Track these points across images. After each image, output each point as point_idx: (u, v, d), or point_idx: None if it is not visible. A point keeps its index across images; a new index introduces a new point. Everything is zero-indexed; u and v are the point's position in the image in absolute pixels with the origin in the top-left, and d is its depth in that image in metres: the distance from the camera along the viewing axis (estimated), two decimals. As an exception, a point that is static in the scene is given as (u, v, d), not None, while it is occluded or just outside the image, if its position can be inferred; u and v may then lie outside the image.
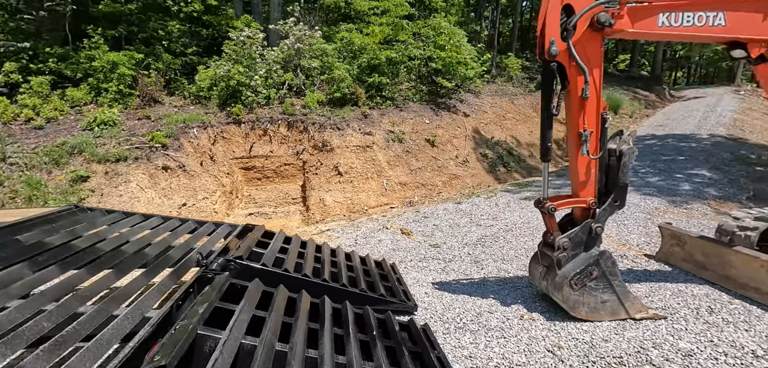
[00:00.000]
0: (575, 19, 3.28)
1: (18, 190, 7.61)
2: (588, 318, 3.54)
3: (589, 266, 3.50)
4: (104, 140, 9.26)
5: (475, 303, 3.98)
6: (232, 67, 11.70)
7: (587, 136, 3.46)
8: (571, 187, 3.73)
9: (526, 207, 7.83)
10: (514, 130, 15.58)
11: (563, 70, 3.41)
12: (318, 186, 10.36)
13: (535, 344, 3.22)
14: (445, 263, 5.20)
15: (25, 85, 10.52)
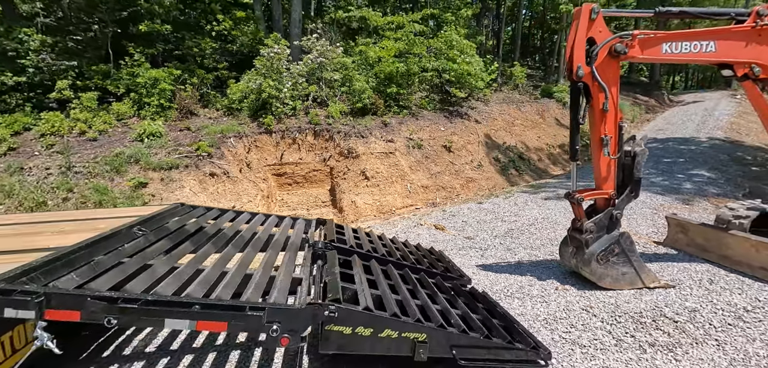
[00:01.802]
0: (597, 48, 4.17)
1: (87, 195, 8.48)
2: (611, 287, 4.39)
3: (612, 244, 4.36)
4: (155, 149, 10.14)
5: (515, 280, 4.83)
6: (263, 81, 12.61)
7: (608, 140, 4.33)
8: (594, 182, 4.60)
9: (544, 205, 8.67)
10: (523, 135, 16.48)
11: (588, 88, 4.29)
12: (348, 190, 11.22)
13: (572, 306, 4.06)
14: (482, 251, 6.04)
15: (76, 101, 11.42)
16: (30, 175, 8.95)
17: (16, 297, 2.21)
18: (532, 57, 35.75)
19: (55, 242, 3.20)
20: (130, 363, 3.31)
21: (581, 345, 3.35)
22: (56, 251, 2.87)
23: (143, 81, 12.05)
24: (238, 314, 2.46)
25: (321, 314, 2.58)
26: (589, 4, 4.16)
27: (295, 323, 2.55)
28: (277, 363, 3.24)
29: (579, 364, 3.08)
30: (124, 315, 2.33)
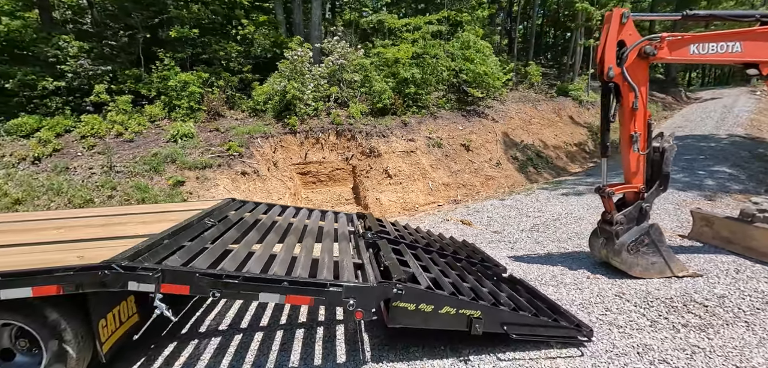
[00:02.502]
0: (627, 50, 4.43)
1: (130, 193, 8.98)
2: (641, 275, 4.64)
3: (642, 235, 4.62)
4: (189, 150, 10.62)
5: (547, 269, 5.11)
6: (287, 84, 13.04)
7: (637, 137, 4.59)
8: (624, 176, 4.86)
9: (565, 201, 8.91)
10: (540, 134, 16.64)
11: (618, 88, 4.55)
12: (371, 188, 11.58)
13: (604, 292, 4.34)
14: (511, 244, 6.33)
15: (112, 104, 11.99)
16: (75, 174, 9.50)
17: (139, 273, 2.59)
18: (544, 55, 35.67)
19: (141, 231, 3.61)
20: (208, 338, 3.70)
21: (618, 325, 3.63)
22: (151, 237, 3.26)
23: (174, 84, 12.57)
24: (321, 290, 2.81)
25: (390, 291, 2.92)
26: (619, 9, 4.43)
27: (368, 299, 2.89)
28: (339, 339, 3.59)
29: (618, 342, 3.36)
30: (227, 288, 2.70)
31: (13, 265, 2.68)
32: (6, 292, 2.48)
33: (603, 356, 3.17)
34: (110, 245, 3.15)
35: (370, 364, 3.17)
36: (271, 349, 3.45)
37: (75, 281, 2.54)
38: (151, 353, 3.46)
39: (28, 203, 8.57)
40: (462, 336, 3.29)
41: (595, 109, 20.33)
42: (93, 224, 4.02)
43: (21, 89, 11.58)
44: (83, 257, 2.79)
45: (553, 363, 3.10)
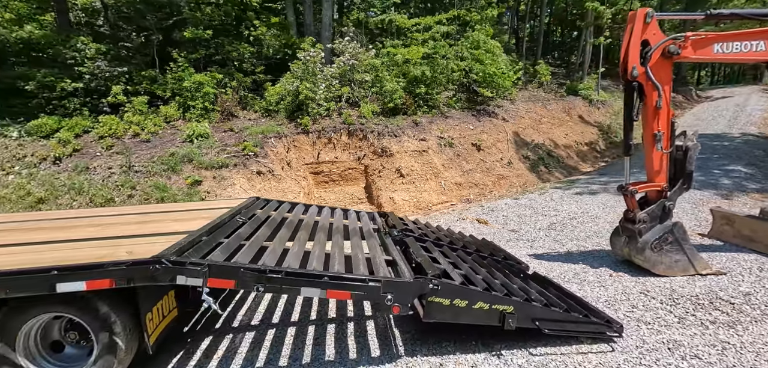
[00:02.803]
0: (651, 50, 4.46)
1: (149, 192, 9.13)
2: (664, 273, 4.67)
3: (666, 233, 4.65)
4: (204, 149, 10.77)
5: (569, 267, 5.15)
6: (300, 84, 13.15)
7: (660, 136, 4.62)
8: (647, 175, 4.89)
9: (580, 200, 8.92)
10: (551, 133, 16.62)
11: (641, 87, 4.58)
12: (384, 187, 11.65)
13: (629, 289, 4.37)
14: (530, 242, 6.37)
15: (128, 105, 12.17)
16: (95, 174, 9.67)
17: (188, 267, 2.69)
18: (551, 54, 35.53)
19: (177, 228, 3.70)
20: (241, 332, 3.79)
21: (646, 322, 3.67)
22: (190, 234, 3.36)
23: (189, 85, 12.73)
24: (360, 285, 2.89)
25: (426, 287, 2.99)
26: (644, 9, 4.46)
27: (405, 294, 2.97)
28: (370, 334, 3.67)
29: (647, 337, 3.41)
30: (271, 283, 2.78)
31: (65, 260, 2.78)
32: (62, 285, 2.58)
33: (634, 351, 3.22)
34: (152, 242, 3.26)
35: (404, 358, 3.24)
36: (305, 343, 3.54)
37: (127, 275, 2.64)
38: (189, 347, 3.56)
39: (51, 202, 8.74)
40: (492, 331, 3.35)
41: (606, 108, 20.27)
42: (128, 222, 4.13)
43: (40, 91, 11.79)
44: (132, 253, 2.89)
45: (585, 358, 3.15)
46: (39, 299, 2.70)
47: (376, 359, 3.26)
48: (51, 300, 2.72)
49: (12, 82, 12.22)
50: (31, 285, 2.57)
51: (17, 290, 2.57)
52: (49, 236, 3.64)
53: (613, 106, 20.53)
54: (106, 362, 2.81)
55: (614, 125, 18.70)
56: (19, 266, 2.62)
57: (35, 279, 2.56)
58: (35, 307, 2.74)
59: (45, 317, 2.84)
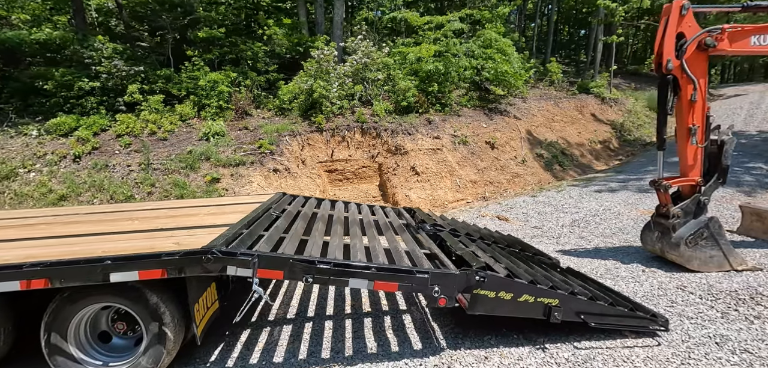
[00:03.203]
0: (687, 42, 4.40)
1: (168, 190, 9.19)
2: (699, 269, 4.61)
3: (701, 228, 4.58)
4: (221, 148, 10.82)
5: (600, 263, 5.10)
6: (314, 82, 13.17)
7: (695, 130, 4.56)
8: (680, 170, 4.82)
9: (599, 197, 8.84)
10: (563, 131, 16.50)
11: (676, 80, 4.52)
12: (399, 185, 11.63)
13: (665, 285, 4.32)
14: (555, 239, 6.32)
15: (144, 103, 12.26)
16: (114, 172, 9.75)
17: (239, 258, 2.69)
18: (559, 53, 35.32)
19: (215, 222, 3.72)
20: (278, 325, 3.79)
21: (687, 317, 3.62)
22: (231, 227, 3.37)
23: (204, 84, 12.81)
24: (407, 276, 2.88)
25: (472, 279, 2.97)
26: (679, 1, 4.40)
27: (451, 286, 2.95)
28: (408, 328, 3.65)
29: (693, 332, 3.36)
30: (319, 274, 2.78)
31: (111, 251, 2.79)
32: (116, 275, 2.59)
33: (680, 346, 3.17)
34: (195, 234, 3.27)
35: (447, 351, 3.22)
36: (344, 336, 3.53)
37: (179, 265, 2.65)
38: (229, 339, 3.56)
39: (73, 199, 8.82)
40: (532, 324, 3.33)
41: (618, 106, 20.10)
42: (161, 216, 4.15)
43: (58, 90, 11.90)
44: (179, 244, 2.90)
45: (631, 352, 3.11)
46: (91, 289, 2.71)
47: (419, 352, 3.24)
48: (104, 291, 2.73)
49: (30, 82, 12.36)
50: (85, 274, 2.59)
51: (72, 279, 2.59)
52: (87, 230, 3.66)
53: (625, 104, 20.36)
54: (156, 352, 2.82)
55: (627, 123, 18.55)
56: (74, 256, 2.63)
57: (90, 268, 2.58)
58: (87, 297, 2.76)
59: (95, 307, 2.86)
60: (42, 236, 3.43)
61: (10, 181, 9.12)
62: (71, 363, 2.78)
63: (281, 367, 3.12)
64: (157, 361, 2.83)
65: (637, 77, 28.42)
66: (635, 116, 19.36)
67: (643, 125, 18.82)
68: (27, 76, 12.56)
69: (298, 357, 3.25)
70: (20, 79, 12.48)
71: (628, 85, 24.19)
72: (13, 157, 9.85)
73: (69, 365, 2.78)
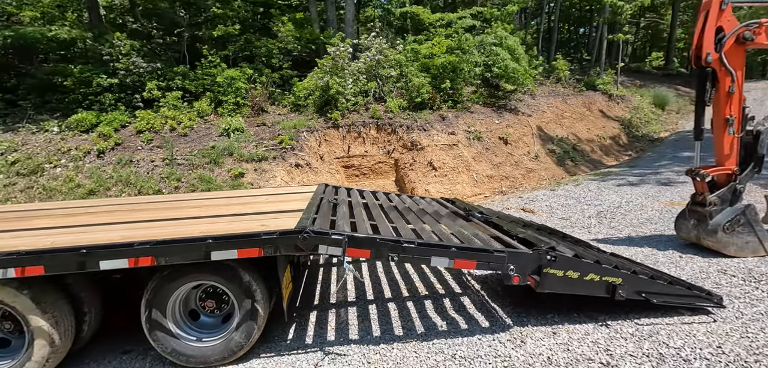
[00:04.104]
0: (726, 36, 4.58)
1: (195, 184, 9.30)
2: (735, 254, 4.79)
3: (737, 215, 4.77)
4: (242, 143, 10.93)
5: (636, 250, 5.28)
6: (330, 79, 13.30)
7: (733, 120, 4.74)
8: (716, 159, 5.00)
9: (619, 190, 9.03)
10: (573, 127, 16.71)
11: (714, 73, 4.70)
12: (417, 180, 11.79)
13: (705, 269, 4.50)
14: (586, 229, 6.50)
15: (163, 100, 12.34)
16: (139, 167, 9.85)
17: (332, 237, 2.83)
18: (561, 51, 35.56)
19: (284, 208, 3.85)
20: (343, 307, 3.94)
21: (735, 297, 3.79)
22: (305, 212, 3.51)
23: (221, 81, 12.91)
24: (485, 255, 3.03)
25: (544, 258, 3.13)
26: (719, -5, 4.58)
27: (524, 265, 3.11)
28: (469, 308, 3.81)
29: (744, 310, 3.53)
30: (404, 253, 2.93)
31: (214, 231, 2.92)
32: (216, 253, 2.73)
33: (736, 321, 3.35)
34: (275, 218, 3.41)
35: (516, 328, 3.38)
36: (411, 316, 3.68)
37: (275, 244, 2.79)
38: (300, 321, 3.71)
39: (101, 194, 8.92)
40: (588, 303, 3.49)
41: (625, 103, 20.33)
42: (223, 204, 4.27)
43: (77, 86, 11.97)
44: (265, 226, 3.04)
45: (691, 328, 3.28)
46: (190, 268, 2.85)
47: (488, 329, 3.40)
48: (202, 269, 2.87)
49: (46, 79, 12.41)
50: (189, 252, 2.72)
51: (176, 257, 2.72)
52: (154, 216, 3.78)
53: (631, 101, 20.59)
54: (248, 327, 2.96)
55: (635, 119, 18.78)
56: (177, 236, 2.77)
57: (194, 247, 2.71)
58: (185, 276, 2.89)
59: (189, 286, 2.99)
60: (120, 222, 3.56)
61: (37, 176, 9.20)
62: (170, 338, 2.91)
63: (359, 343, 3.27)
64: (248, 336, 2.97)
65: (639, 74, 28.68)
66: (642, 112, 19.60)
67: (650, 121, 19.07)
68: (43, 73, 12.62)
69: (373, 334, 3.40)
70: (36, 76, 12.53)
71: (632, 83, 24.41)
72: (37, 152, 9.93)
73: (168, 340, 2.91)
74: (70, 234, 3.17)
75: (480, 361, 2.95)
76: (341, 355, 3.09)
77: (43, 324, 2.68)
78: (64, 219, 3.73)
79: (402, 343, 3.23)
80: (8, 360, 2.78)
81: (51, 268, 2.60)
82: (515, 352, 3.03)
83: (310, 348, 3.22)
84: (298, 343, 3.32)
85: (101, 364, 3.13)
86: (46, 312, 2.70)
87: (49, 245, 2.71)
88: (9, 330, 2.89)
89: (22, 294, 2.66)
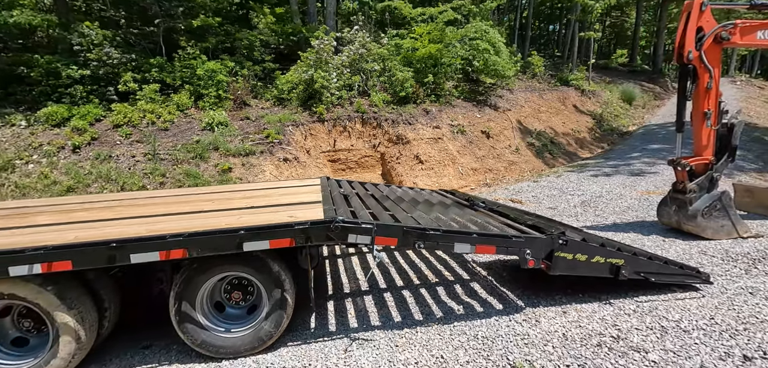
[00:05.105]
0: (706, 35, 4.96)
1: (181, 180, 9.04)
2: (712, 237, 5.22)
3: (714, 201, 5.20)
4: (228, 137, 10.70)
5: (623, 236, 5.63)
6: (314, 72, 13.19)
7: (710, 114, 5.15)
8: (694, 149, 5.42)
9: (597, 181, 9.54)
10: (550, 121, 17.36)
11: (695, 69, 5.08)
12: (404, 173, 11.94)
13: (687, 251, 4.89)
14: (574, 217, 6.85)
15: (140, 93, 11.86)
16: (119, 162, 9.46)
17: (362, 226, 2.91)
18: (533, 46, 36.66)
19: (301, 200, 3.87)
20: (359, 296, 4.02)
21: (718, 275, 4.16)
22: (324, 202, 3.56)
23: (201, 73, 12.53)
24: (504, 240, 3.21)
25: (556, 243, 3.33)
26: (699, -2, 4.94)
27: (539, 249, 3.30)
28: (480, 293, 3.98)
29: (727, 285, 3.89)
30: (429, 240, 3.05)
31: (239, 224, 2.92)
32: (248, 244, 2.75)
33: (722, 296, 3.69)
34: (297, 209, 3.42)
35: (528, 309, 3.57)
36: (427, 303, 3.81)
37: (306, 233, 2.83)
38: (319, 311, 3.76)
39: (80, 191, 8.52)
40: (591, 284, 3.75)
41: (596, 98, 21.28)
42: (235, 197, 4.24)
43: (45, 78, 11.30)
44: (294, 216, 3.07)
45: (684, 303, 3.59)
46: (220, 260, 2.85)
47: (502, 311, 3.58)
48: (232, 261, 2.88)
49: (9, 69, 11.65)
50: (221, 244, 2.72)
51: (208, 249, 2.71)
52: (170, 209, 3.72)
53: (602, 96, 21.58)
54: (278, 317, 3.00)
55: (606, 113, 19.70)
56: (210, 228, 2.76)
57: (227, 238, 2.72)
58: (215, 267, 2.89)
59: (217, 278, 2.98)
60: (129, 216, 3.47)
61: (8, 173, 8.66)
62: (199, 330, 2.90)
63: (382, 329, 3.37)
64: (278, 325, 3.01)
65: (607, 71, 29.99)
66: (612, 106, 20.59)
67: (619, 116, 20.07)
68: (5, 63, 11.83)
69: (394, 320, 3.50)
70: (-2, 66, 11.73)
71: (601, 79, 25.55)
72: (5, 148, 9.33)
73: (198, 332, 2.90)
74: (89, 230, 3.07)
75: (501, 340, 3.12)
76: (368, 340, 3.18)
77: (69, 320, 2.61)
78: (75, 215, 3.59)
79: (424, 327, 3.36)
80: (29, 359, 2.69)
81: (79, 263, 2.54)
82: (532, 330, 3.23)
83: (336, 335, 3.29)
84: (322, 331, 3.38)
85: (123, 360, 3.07)
86: (73, 308, 2.63)
87: (74, 240, 2.64)
88: (27, 328, 2.80)
89: (46, 291, 2.58)
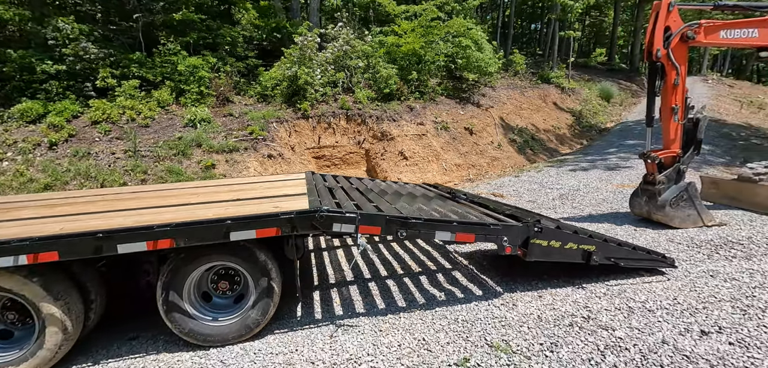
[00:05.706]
0: (673, 35, 5.23)
1: (163, 177, 8.94)
2: (679, 226, 5.52)
3: (681, 192, 5.49)
4: (211, 134, 10.61)
5: (599, 226, 5.89)
6: (298, 69, 13.17)
7: (677, 109, 5.43)
8: (663, 143, 5.70)
9: (575, 175, 9.86)
10: (531, 118, 17.76)
11: (663, 67, 5.35)
12: (389, 169, 12.06)
13: (656, 239, 5.16)
14: (552, 209, 7.10)
15: (119, 89, 11.62)
16: (98, 159, 9.28)
17: (346, 216, 3.01)
18: (515, 44, 37.32)
19: (287, 192, 3.94)
20: (344, 286, 4.12)
21: (682, 260, 4.42)
22: (309, 194, 3.64)
23: (182, 69, 12.36)
24: (484, 228, 3.36)
25: (532, 230, 3.50)
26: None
27: (515, 236, 3.47)
28: (461, 281, 4.13)
29: (690, 269, 4.15)
30: (411, 229, 3.17)
31: (225, 215, 2.98)
32: (235, 234, 2.81)
33: (685, 279, 3.94)
34: (282, 201, 3.49)
35: (506, 294, 3.74)
36: (410, 291, 3.94)
37: (292, 223, 2.92)
38: (305, 300, 3.84)
39: (58, 188, 8.34)
40: (565, 270, 3.95)
41: (575, 95, 21.85)
42: (221, 191, 4.27)
43: (18, 73, 10.97)
44: (278, 207, 3.14)
45: (650, 286, 3.82)
46: (208, 249, 2.90)
47: (482, 296, 3.74)
48: (219, 250, 2.94)
49: (-22, 64, 11.25)
50: (208, 233, 2.78)
51: (195, 238, 2.77)
52: (159, 202, 3.74)
53: (581, 94, 22.16)
54: (265, 305, 3.07)
55: (585, 110, 20.25)
56: (198, 218, 2.81)
57: (214, 228, 2.78)
58: (202, 257, 2.94)
59: (204, 268, 3.04)
60: (115, 209, 3.48)
61: (-19, 170, 8.41)
62: (187, 319, 2.96)
63: (366, 316, 3.48)
64: (265, 313, 3.08)
65: (586, 69, 30.75)
66: (590, 104, 21.17)
67: (597, 113, 20.66)
68: (-27, 57, 11.41)
69: (378, 308, 3.62)
70: (-36, 61, 11.31)
71: (581, 77, 26.22)
72: (-23, 145, 9.05)
73: (185, 321, 2.95)
74: (75, 222, 3.08)
75: (480, 323, 3.27)
76: (353, 326, 3.29)
77: (55, 311, 2.63)
78: (59, 209, 3.57)
79: (407, 313, 3.48)
80: (14, 352, 2.70)
81: (66, 254, 2.56)
82: (510, 314, 3.39)
83: (322, 323, 3.38)
84: (308, 319, 3.47)
85: (110, 351, 3.10)
86: (59, 299, 2.65)
87: (60, 231, 2.65)
88: (12, 320, 2.79)
89: (31, 282, 2.59)
